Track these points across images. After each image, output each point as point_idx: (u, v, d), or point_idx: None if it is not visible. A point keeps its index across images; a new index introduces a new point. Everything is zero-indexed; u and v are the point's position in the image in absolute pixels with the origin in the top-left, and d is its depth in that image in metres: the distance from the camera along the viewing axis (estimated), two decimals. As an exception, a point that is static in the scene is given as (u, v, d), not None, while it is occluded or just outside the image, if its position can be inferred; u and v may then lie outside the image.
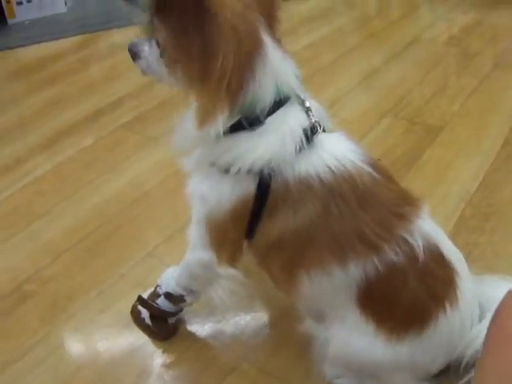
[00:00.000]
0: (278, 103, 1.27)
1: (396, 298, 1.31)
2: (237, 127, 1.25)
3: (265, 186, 1.28)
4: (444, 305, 1.31)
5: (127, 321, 1.77)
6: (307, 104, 1.33)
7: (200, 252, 1.48)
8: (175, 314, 1.69)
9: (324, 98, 1.43)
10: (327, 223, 1.28)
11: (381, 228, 1.27)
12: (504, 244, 1.97)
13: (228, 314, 1.69)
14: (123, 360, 1.68)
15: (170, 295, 1.63)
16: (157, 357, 1.69)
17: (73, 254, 2.04)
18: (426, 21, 3.95)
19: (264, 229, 1.34)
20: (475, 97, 2.83)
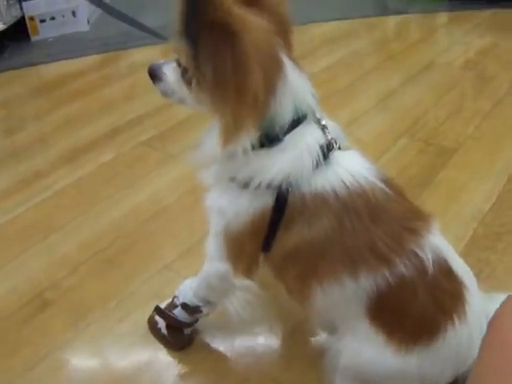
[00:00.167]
0: (296, 121, 1.31)
1: (405, 310, 1.33)
2: (256, 145, 1.28)
3: (282, 200, 1.32)
4: (452, 318, 1.33)
5: (144, 331, 1.80)
6: (323, 122, 1.37)
7: (217, 263, 1.51)
8: (191, 325, 1.72)
9: (341, 119, 1.46)
10: (341, 236, 1.31)
11: (392, 241, 1.30)
12: (515, 263, 1.99)
13: (242, 326, 1.70)
14: (139, 370, 1.71)
15: (187, 306, 1.67)
16: (172, 367, 1.72)
17: (91, 266, 2.08)
18: (443, 44, 4.00)
19: (280, 241, 1.37)
20: (489, 120, 2.86)
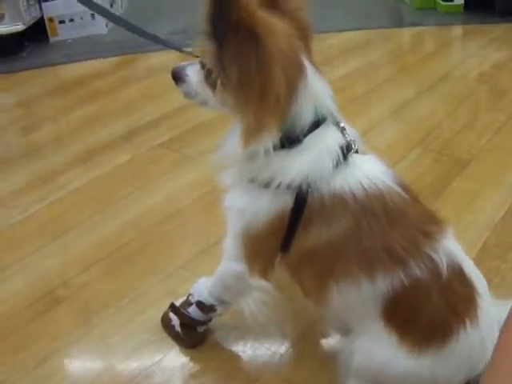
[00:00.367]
0: (316, 123, 1.34)
1: (419, 312, 1.35)
2: (277, 146, 1.30)
3: (302, 201, 1.34)
4: (464, 321, 1.35)
5: (157, 328, 1.82)
6: (342, 124, 1.40)
7: (233, 263, 1.53)
8: (205, 323, 1.74)
9: (356, 128, 1.49)
10: (358, 237, 1.33)
11: (408, 244, 1.32)
12: (526, 273, 1.99)
13: (255, 326, 1.69)
14: (151, 367, 1.73)
15: (202, 304, 1.68)
16: (184, 365, 1.74)
17: (106, 264, 2.11)
18: (458, 57, 4.01)
19: (298, 241, 1.39)
20: (503, 132, 2.86)
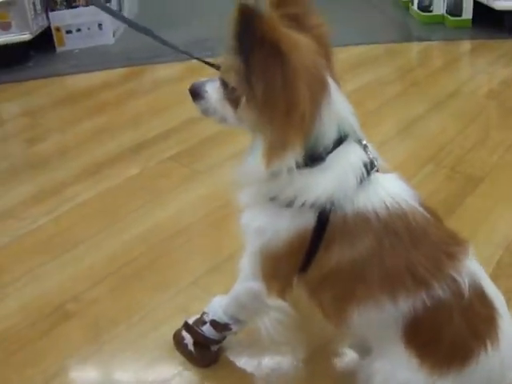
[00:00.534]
0: (339, 141, 1.32)
1: (440, 334, 1.32)
2: (300, 164, 1.27)
3: (324, 219, 1.32)
4: (485, 343, 1.32)
5: (168, 346, 1.79)
6: (364, 142, 1.38)
7: (251, 282, 1.51)
8: (219, 342, 1.71)
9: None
10: (380, 257, 1.31)
11: (431, 265, 1.30)
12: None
13: (269, 345, 1.66)
14: (162, 385, 1.71)
15: (216, 323, 1.65)
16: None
17: (115, 279, 2.08)
18: (467, 73, 4.02)
19: (319, 262, 1.37)
20: (514, 149, 2.85)
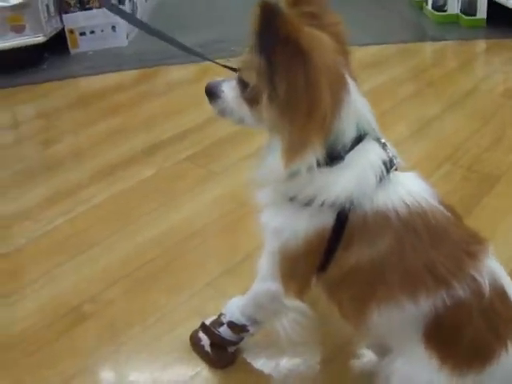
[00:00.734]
0: (358, 139, 1.30)
1: (460, 334, 1.30)
2: (320, 163, 1.26)
3: (344, 218, 1.30)
4: (506, 343, 1.30)
5: (184, 348, 1.78)
6: (383, 140, 1.36)
7: (269, 283, 1.49)
8: (236, 344, 1.70)
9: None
10: (400, 256, 1.29)
11: (452, 265, 1.28)
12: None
13: (286, 346, 1.65)
14: (178, 387, 1.70)
15: (234, 324, 1.64)
16: (212, 385, 1.70)
17: (131, 281, 2.07)
18: (482, 72, 3.99)
19: (338, 261, 1.35)
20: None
